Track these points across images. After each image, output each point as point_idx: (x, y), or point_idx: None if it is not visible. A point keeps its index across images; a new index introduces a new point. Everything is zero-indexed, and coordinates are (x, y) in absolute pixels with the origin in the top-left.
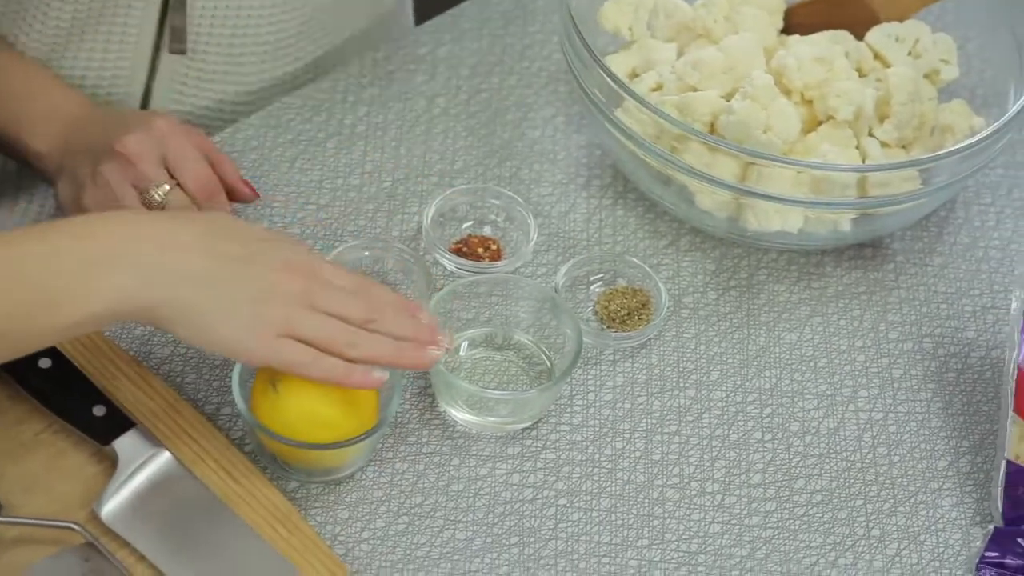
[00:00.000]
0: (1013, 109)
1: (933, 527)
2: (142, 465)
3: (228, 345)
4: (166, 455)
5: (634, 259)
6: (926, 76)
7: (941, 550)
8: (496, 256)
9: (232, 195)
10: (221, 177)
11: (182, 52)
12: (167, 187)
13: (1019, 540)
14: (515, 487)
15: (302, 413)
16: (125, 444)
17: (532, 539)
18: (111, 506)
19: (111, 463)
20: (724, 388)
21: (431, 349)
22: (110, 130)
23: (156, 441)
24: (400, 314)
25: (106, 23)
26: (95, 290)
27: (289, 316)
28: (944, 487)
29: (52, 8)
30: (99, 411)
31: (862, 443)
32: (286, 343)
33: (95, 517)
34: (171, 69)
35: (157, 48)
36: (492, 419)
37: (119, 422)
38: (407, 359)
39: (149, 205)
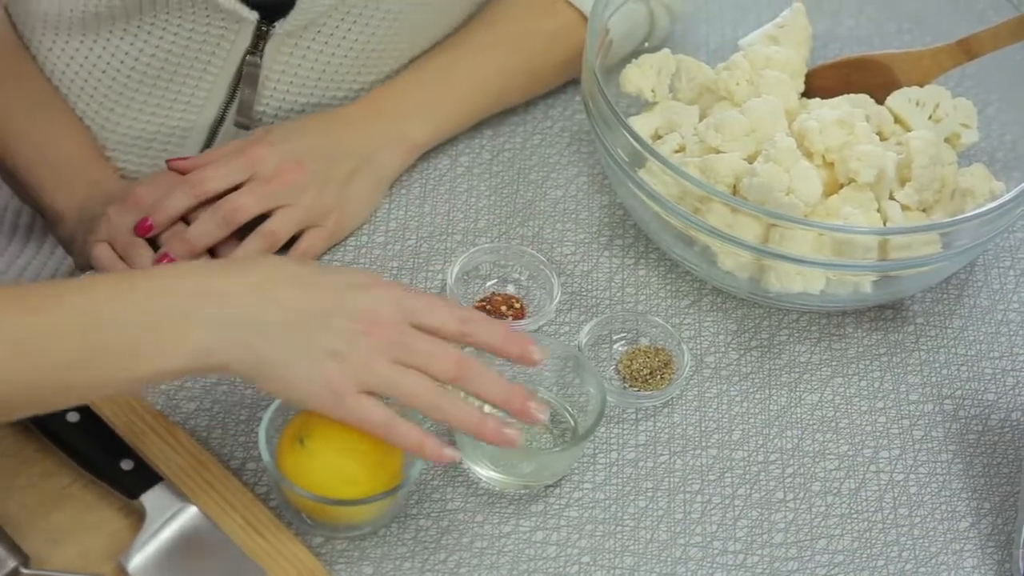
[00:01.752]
0: None
1: None
2: (169, 519)
3: (305, 401)
4: (193, 509)
5: (657, 318)
6: (947, 140)
7: None
8: (519, 314)
9: None
10: None
11: (246, 127)
12: None
13: None
14: (538, 544)
15: (328, 469)
16: (152, 498)
17: None
18: (138, 560)
19: (138, 517)
20: (746, 448)
21: (509, 432)
22: (125, 189)
23: (183, 495)
24: (493, 378)
25: (177, 83)
26: (174, 345)
27: (370, 372)
28: (965, 548)
29: (127, 60)
30: (127, 465)
31: (883, 504)
32: (364, 401)
33: (122, 571)
34: (231, 137)
35: (221, 118)
36: (515, 478)
37: (146, 476)
38: (488, 434)
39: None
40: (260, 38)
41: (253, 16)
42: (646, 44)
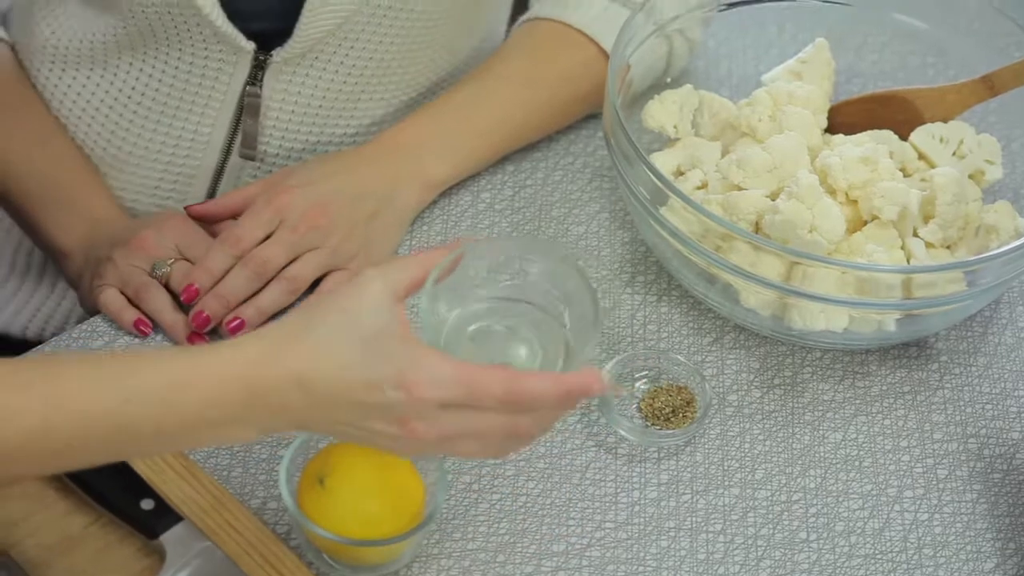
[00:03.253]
0: None
1: None
2: (189, 560)
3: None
4: (213, 549)
5: (679, 356)
6: (971, 176)
7: None
8: None
9: None
10: None
11: (251, 158)
12: (172, 260)
13: None
14: None
15: (349, 509)
16: (173, 538)
17: None
18: None
19: (159, 557)
20: (769, 487)
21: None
22: (129, 231)
23: (203, 536)
24: (545, 411)
25: (181, 118)
26: (216, 440)
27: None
28: None
29: (132, 95)
30: (147, 505)
31: (908, 544)
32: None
33: None
34: (238, 170)
35: (227, 150)
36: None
37: (167, 516)
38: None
39: (155, 277)
40: (258, 68)
41: (250, 46)
42: (667, 79)
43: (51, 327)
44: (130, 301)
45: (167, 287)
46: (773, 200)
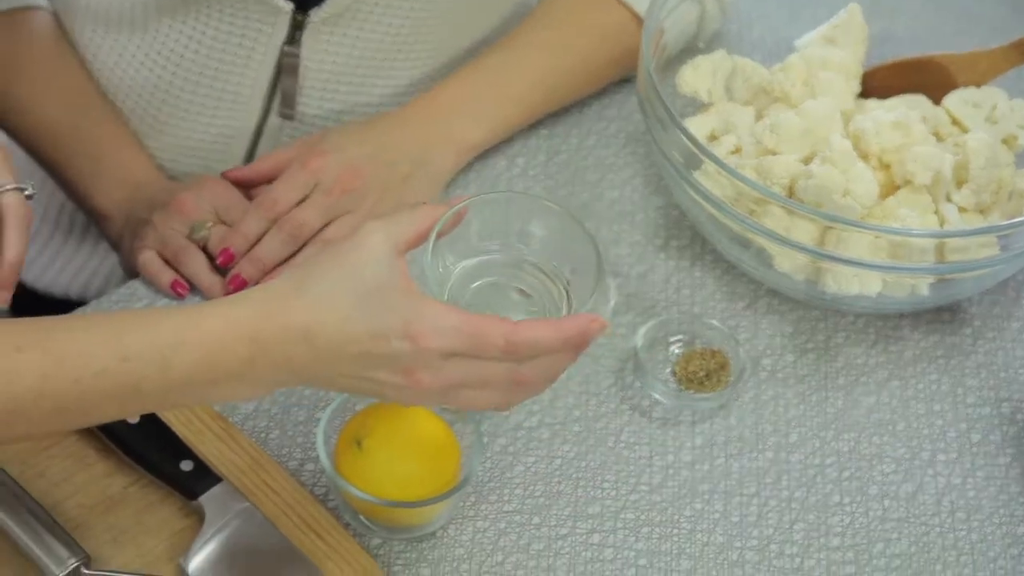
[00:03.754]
0: None
1: None
2: (228, 520)
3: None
4: (252, 510)
5: (713, 321)
6: (1004, 142)
7: None
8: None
9: None
10: None
11: (290, 118)
12: (210, 223)
13: None
14: (595, 547)
15: (386, 471)
16: (212, 499)
17: None
18: (198, 561)
19: (198, 518)
20: (803, 451)
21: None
22: (168, 193)
23: (242, 496)
24: (545, 360)
25: (221, 80)
26: (220, 397)
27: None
28: None
29: (172, 56)
30: (186, 466)
31: (941, 508)
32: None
33: (182, 571)
34: (276, 130)
35: (266, 111)
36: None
37: (206, 477)
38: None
39: (193, 240)
40: (296, 28)
41: (288, 6)
42: (700, 44)
43: (93, 288)
44: (168, 263)
45: (205, 250)
46: (806, 165)
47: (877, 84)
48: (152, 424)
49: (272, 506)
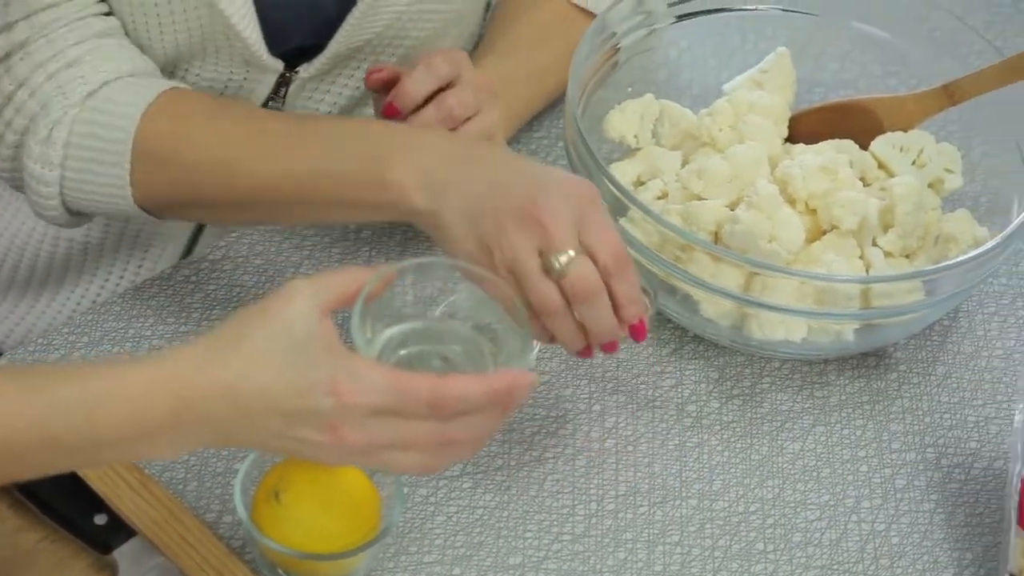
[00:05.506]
0: (1018, 220)
1: None
2: (143, 574)
3: None
4: (167, 565)
5: None
6: (930, 185)
7: None
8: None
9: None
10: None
11: None
12: (571, 253)
13: None
14: None
15: (305, 523)
16: (126, 553)
17: None
18: None
19: (111, 572)
20: (727, 498)
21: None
22: (518, 179)
23: (157, 551)
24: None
25: None
26: (141, 454)
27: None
28: None
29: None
30: (100, 520)
31: (864, 555)
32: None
33: None
34: None
35: None
36: None
37: (120, 531)
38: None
39: (549, 272)
40: (282, 84)
41: (279, 64)
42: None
43: (13, 339)
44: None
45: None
46: (733, 210)
47: (805, 129)
48: (66, 477)
49: (188, 560)
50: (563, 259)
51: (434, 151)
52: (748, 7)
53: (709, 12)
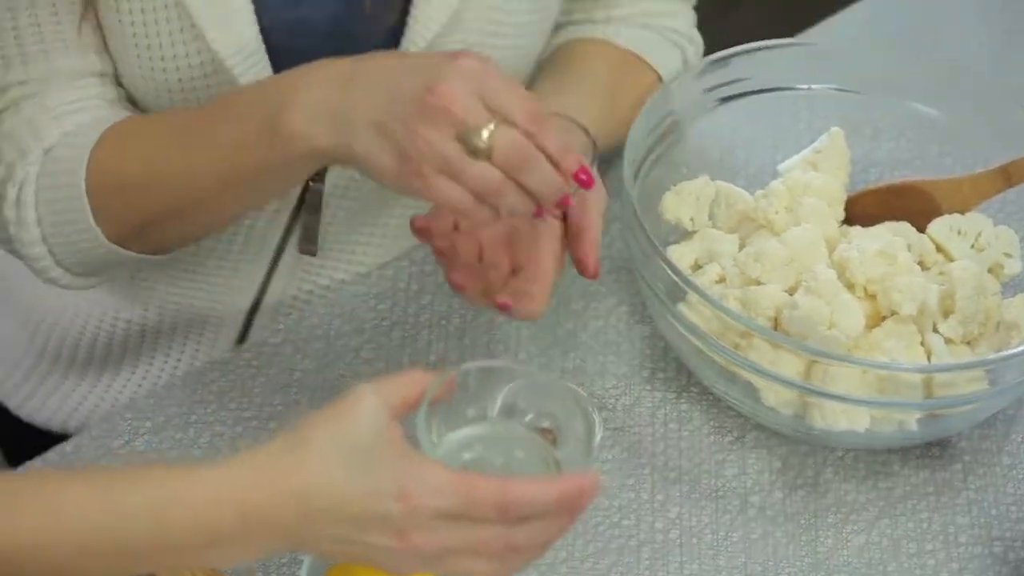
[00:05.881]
0: None
1: None
2: None
3: None
4: None
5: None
6: (990, 270)
7: None
8: None
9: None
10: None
11: (312, 254)
12: (491, 127)
13: None
14: None
15: None
16: None
17: None
18: None
19: None
20: None
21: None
22: (408, 77)
23: None
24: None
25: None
26: (214, 560)
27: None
28: None
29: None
30: None
31: None
32: None
33: None
34: (293, 262)
35: (282, 246)
36: None
37: None
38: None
39: (475, 153)
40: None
41: None
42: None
43: (75, 421)
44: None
45: None
46: (791, 294)
47: (861, 210)
48: None
49: None
50: (484, 134)
51: (317, 85)
52: (801, 86)
53: (763, 92)
